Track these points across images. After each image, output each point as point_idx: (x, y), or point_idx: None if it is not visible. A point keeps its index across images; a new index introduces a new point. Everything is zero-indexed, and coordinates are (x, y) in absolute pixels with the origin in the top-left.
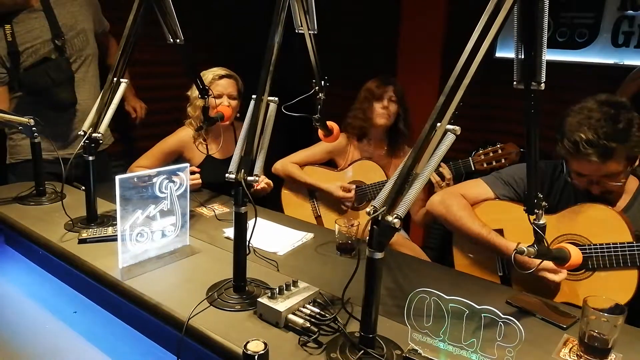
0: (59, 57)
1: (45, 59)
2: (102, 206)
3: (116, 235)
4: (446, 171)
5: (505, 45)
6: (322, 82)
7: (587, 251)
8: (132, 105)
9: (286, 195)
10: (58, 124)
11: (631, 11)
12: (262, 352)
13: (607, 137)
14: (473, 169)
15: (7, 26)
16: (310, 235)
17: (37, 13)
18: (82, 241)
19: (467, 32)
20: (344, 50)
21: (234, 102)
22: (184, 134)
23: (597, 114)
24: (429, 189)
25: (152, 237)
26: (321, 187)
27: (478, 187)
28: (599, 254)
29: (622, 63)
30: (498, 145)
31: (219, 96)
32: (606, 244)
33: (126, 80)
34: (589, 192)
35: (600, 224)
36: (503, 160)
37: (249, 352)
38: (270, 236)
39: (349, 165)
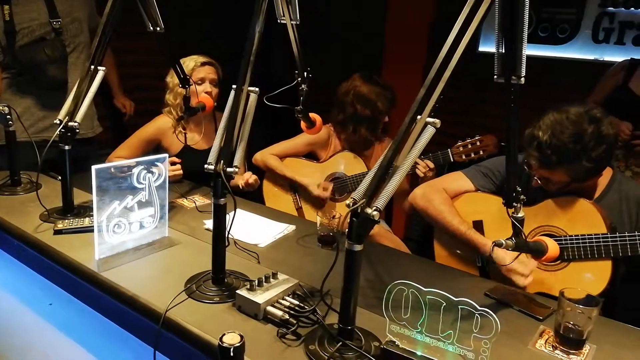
0: (54, 37)
1: (42, 38)
2: (79, 197)
3: (93, 226)
4: (430, 163)
5: (488, 40)
6: (305, 73)
7: (563, 242)
8: (121, 102)
9: (267, 187)
10: (49, 104)
11: (611, 8)
12: (238, 344)
13: (554, 149)
14: (452, 160)
15: (6, 7)
16: (291, 227)
17: None
18: (57, 232)
19: (454, 23)
20: (329, 41)
21: (215, 89)
22: (162, 122)
23: (570, 126)
24: (412, 181)
25: (130, 229)
26: (299, 181)
27: (459, 180)
28: (575, 246)
29: (602, 59)
30: (477, 137)
31: (202, 81)
32: (581, 236)
33: (104, 68)
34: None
35: (576, 216)
36: (481, 152)
37: (224, 345)
38: (252, 228)
39: (331, 156)
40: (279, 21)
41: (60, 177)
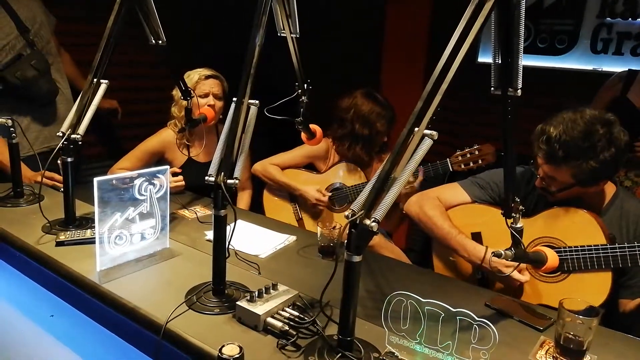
0: (34, 50)
1: (20, 54)
2: (81, 208)
3: (94, 237)
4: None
5: (487, 51)
6: (305, 85)
7: (563, 254)
8: (108, 106)
9: (268, 198)
10: (47, 115)
11: (609, 18)
12: (237, 356)
13: (562, 144)
14: (451, 169)
15: None
16: (292, 238)
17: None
18: (59, 244)
19: (451, 35)
20: (329, 53)
21: (219, 103)
22: (166, 135)
23: (582, 124)
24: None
25: (131, 240)
26: (298, 188)
27: (454, 191)
28: (575, 257)
29: (600, 69)
30: (475, 147)
31: (206, 95)
32: (581, 247)
33: (106, 81)
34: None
35: (575, 227)
36: (480, 161)
37: (224, 356)
38: (253, 239)
39: (330, 167)
40: (279, 34)
41: (62, 189)
